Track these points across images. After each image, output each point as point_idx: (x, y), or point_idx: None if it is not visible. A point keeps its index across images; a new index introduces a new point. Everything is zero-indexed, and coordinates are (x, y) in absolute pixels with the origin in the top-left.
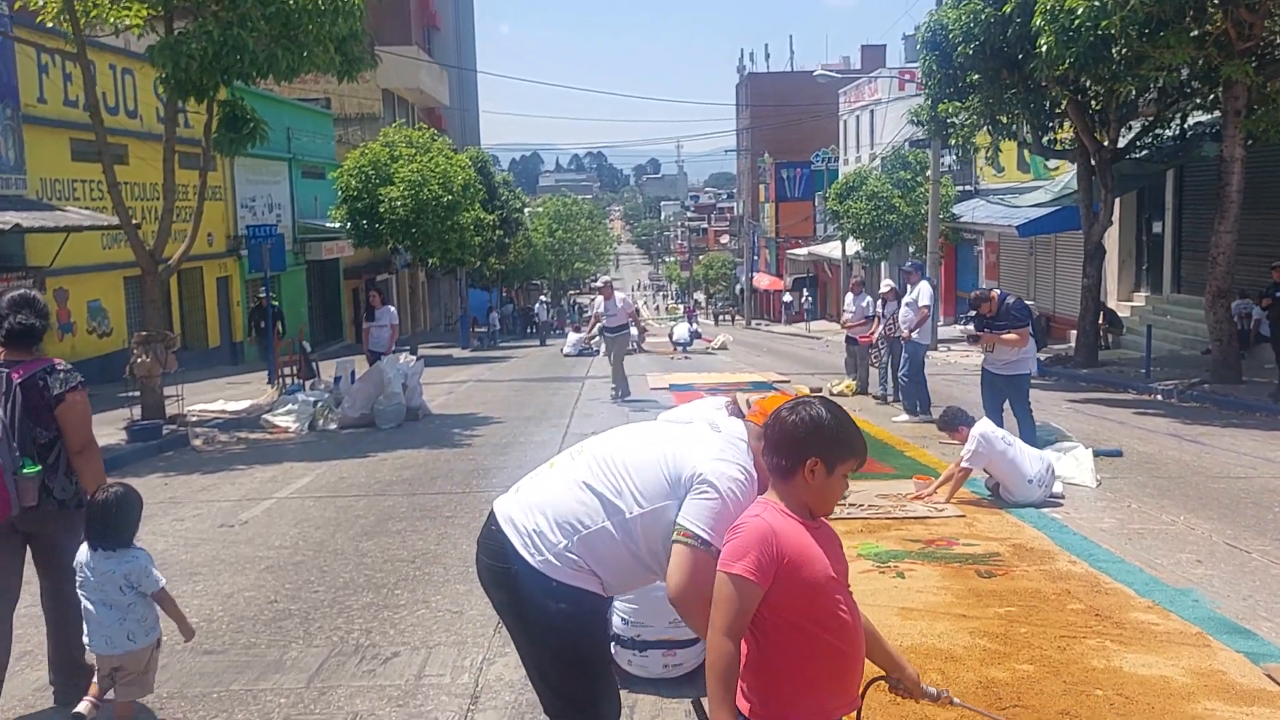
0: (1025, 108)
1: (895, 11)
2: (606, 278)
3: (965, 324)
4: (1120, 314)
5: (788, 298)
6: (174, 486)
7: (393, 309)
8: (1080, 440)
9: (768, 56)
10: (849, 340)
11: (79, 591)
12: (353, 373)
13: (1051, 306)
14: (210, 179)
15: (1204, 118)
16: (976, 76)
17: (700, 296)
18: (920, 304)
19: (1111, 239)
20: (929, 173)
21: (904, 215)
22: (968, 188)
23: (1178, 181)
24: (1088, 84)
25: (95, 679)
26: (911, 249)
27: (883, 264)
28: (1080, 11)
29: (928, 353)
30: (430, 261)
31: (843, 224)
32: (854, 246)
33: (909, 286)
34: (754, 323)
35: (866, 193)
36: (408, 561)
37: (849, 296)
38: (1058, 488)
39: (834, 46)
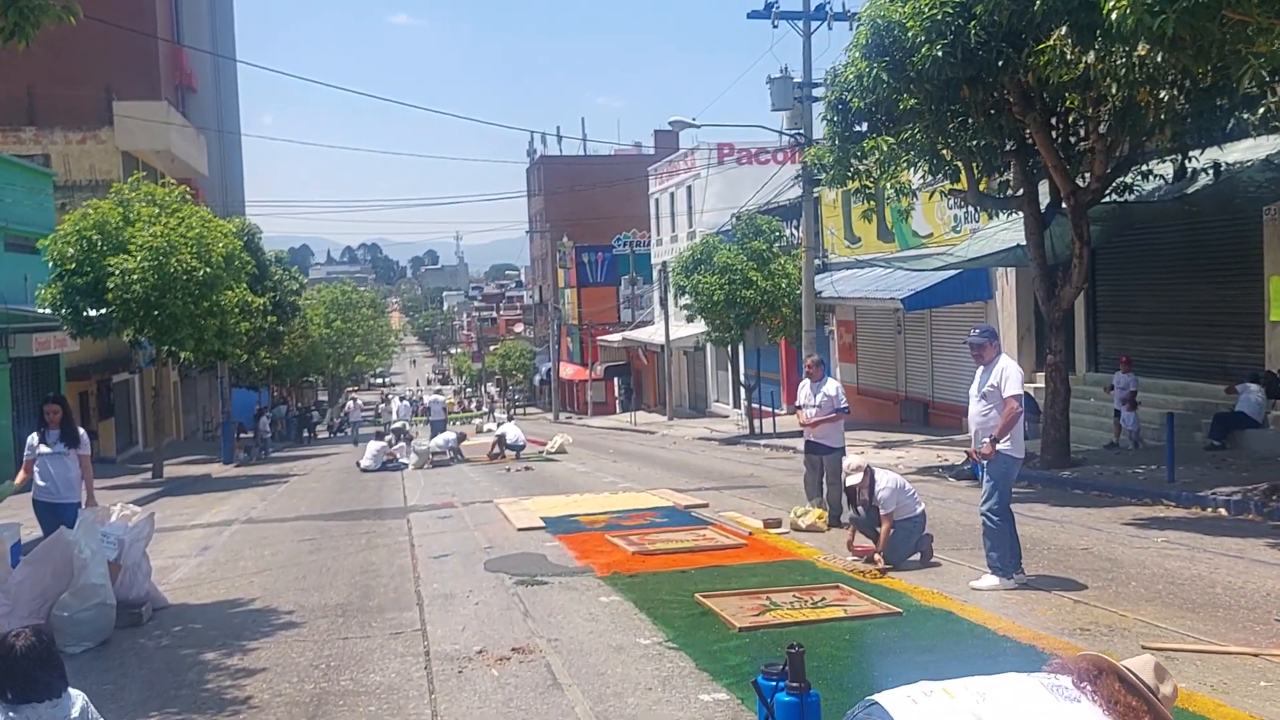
0: (978, 136)
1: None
2: None
3: None
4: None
5: (622, 393)
6: None
7: (84, 435)
8: None
9: (560, 139)
10: (810, 447)
11: None
12: (16, 546)
13: (929, 392)
14: None
15: (1199, 154)
16: (914, 102)
17: (491, 388)
18: (1006, 393)
19: (1007, 311)
20: (782, 244)
21: (762, 290)
22: (817, 261)
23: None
24: (1113, 88)
25: None
26: (769, 331)
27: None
28: None
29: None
30: (182, 355)
31: (691, 302)
32: (699, 328)
33: (982, 367)
34: (562, 416)
35: (718, 265)
36: None
37: (805, 384)
38: None
39: (625, 133)
